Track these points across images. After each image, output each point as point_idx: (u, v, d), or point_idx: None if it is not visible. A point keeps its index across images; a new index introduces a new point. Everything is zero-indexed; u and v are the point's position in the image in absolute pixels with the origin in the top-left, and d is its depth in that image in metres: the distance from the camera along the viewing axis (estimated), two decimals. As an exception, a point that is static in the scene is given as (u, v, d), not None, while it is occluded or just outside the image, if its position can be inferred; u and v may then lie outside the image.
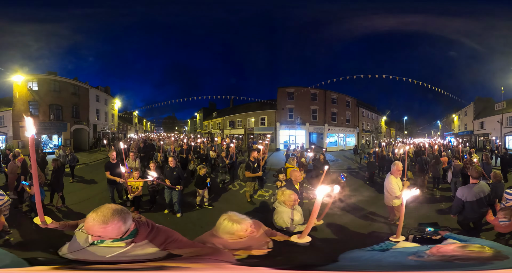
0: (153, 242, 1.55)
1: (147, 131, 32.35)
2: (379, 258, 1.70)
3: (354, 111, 25.60)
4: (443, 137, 26.98)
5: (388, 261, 1.63)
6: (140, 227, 1.55)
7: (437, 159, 8.98)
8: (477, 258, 1.36)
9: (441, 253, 1.48)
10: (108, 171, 6.14)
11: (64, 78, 19.17)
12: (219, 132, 26.91)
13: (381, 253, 1.82)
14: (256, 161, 6.73)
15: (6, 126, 16.83)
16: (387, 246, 1.99)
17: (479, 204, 4.13)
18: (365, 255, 1.77)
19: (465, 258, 1.38)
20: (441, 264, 1.42)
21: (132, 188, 5.67)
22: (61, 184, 6.32)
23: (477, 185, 4.23)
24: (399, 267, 1.52)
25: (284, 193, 3.36)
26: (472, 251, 1.41)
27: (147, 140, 17.29)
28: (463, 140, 22.91)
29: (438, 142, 15.81)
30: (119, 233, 1.41)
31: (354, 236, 4.81)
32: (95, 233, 1.37)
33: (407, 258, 1.57)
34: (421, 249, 1.63)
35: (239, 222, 2.06)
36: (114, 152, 6.53)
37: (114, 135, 24.19)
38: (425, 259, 1.49)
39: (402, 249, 1.84)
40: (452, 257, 1.41)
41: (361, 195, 7.61)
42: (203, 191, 6.35)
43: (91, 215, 1.38)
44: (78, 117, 19.87)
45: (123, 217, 1.41)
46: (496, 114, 21.55)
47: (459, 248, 1.46)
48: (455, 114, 27.32)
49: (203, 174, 6.35)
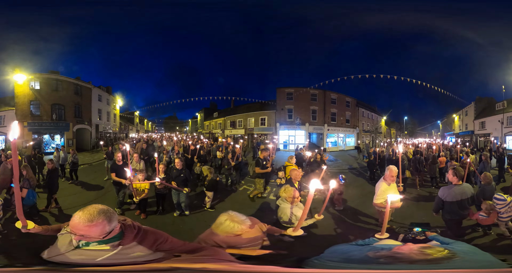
0: (142, 244, 1.54)
1: (149, 131, 32.55)
2: (349, 251, 1.77)
3: (354, 111, 25.59)
4: (443, 137, 26.84)
5: (353, 254, 1.70)
6: (126, 229, 1.54)
7: (434, 159, 9.06)
8: (429, 260, 1.41)
9: (398, 251, 1.54)
10: (114, 173, 5.99)
11: (66, 78, 19.08)
12: (220, 132, 27.04)
13: (357, 247, 1.88)
14: (265, 159, 7.32)
15: (6, 126, 16.54)
16: (370, 242, 2.06)
17: (459, 205, 4.00)
18: (343, 249, 1.83)
19: (409, 258, 1.44)
20: (389, 262, 1.47)
21: (138, 190, 5.48)
22: (56, 186, 6.21)
23: (458, 187, 4.08)
24: (351, 261, 1.61)
25: (287, 190, 3.49)
26: (424, 253, 1.46)
27: (149, 140, 17.10)
28: (462, 140, 22.84)
29: (438, 142, 15.98)
30: (103, 233, 1.40)
31: (351, 232, 5.02)
32: (79, 232, 1.37)
33: (367, 253, 1.63)
34: (390, 246, 1.68)
35: (239, 223, 2.11)
36: (120, 153, 6.39)
37: (116, 135, 24.38)
38: (380, 255, 1.54)
39: (377, 245, 1.90)
40: (400, 255, 1.48)
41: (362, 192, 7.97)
42: (212, 194, 6.35)
43: (77, 213, 1.40)
44: (80, 117, 19.85)
45: (108, 216, 1.42)
46: (497, 114, 21.43)
47: (417, 248, 1.53)
48: (455, 114, 27.18)
49: (214, 177, 6.41)
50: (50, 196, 6.06)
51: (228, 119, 26.87)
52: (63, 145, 15.83)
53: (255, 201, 7.06)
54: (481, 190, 4.87)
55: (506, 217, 4.34)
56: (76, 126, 19.46)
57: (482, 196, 4.64)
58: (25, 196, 5.13)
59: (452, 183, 4.16)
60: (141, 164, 7.18)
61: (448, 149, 13.46)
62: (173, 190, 5.73)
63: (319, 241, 4.30)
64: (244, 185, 8.88)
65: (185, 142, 13.06)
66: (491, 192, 4.69)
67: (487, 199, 4.45)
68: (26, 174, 5.48)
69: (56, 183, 6.26)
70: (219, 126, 28.09)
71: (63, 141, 18.56)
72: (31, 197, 5.28)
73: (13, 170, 1.55)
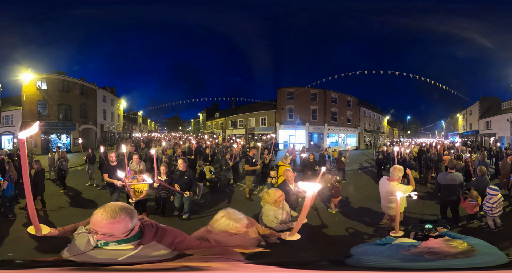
0: (162, 242, 1.53)
1: (151, 131, 33.11)
2: (381, 251, 1.85)
3: (355, 111, 25.33)
4: (447, 137, 26.34)
5: (386, 254, 1.77)
6: (145, 228, 1.51)
7: (440, 156, 9.73)
8: (457, 253, 1.51)
9: (427, 246, 1.62)
10: (106, 174, 5.80)
11: (72, 78, 19.53)
12: (220, 132, 27.34)
13: (382, 246, 1.95)
14: (255, 157, 7.45)
15: (14, 125, 16.85)
16: (387, 240, 2.11)
17: (450, 188, 5.19)
18: (370, 249, 1.92)
19: (444, 252, 1.52)
20: (428, 257, 1.55)
21: (136, 192, 5.26)
22: (41, 187, 6.19)
23: (451, 174, 5.34)
24: (396, 259, 1.67)
25: (270, 193, 3.32)
26: (450, 245, 1.56)
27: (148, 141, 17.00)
28: (463, 140, 22.40)
29: (441, 141, 16.58)
30: (125, 230, 1.37)
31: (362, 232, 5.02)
32: (102, 230, 1.33)
33: (401, 251, 1.71)
34: (415, 244, 1.77)
35: (236, 221, 2.07)
36: (113, 153, 6.21)
37: (120, 135, 24.94)
38: (416, 252, 1.62)
39: (400, 243, 1.96)
40: (435, 249, 1.56)
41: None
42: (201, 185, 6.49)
43: (98, 210, 1.37)
44: (86, 117, 20.32)
45: (129, 213, 1.39)
46: (503, 113, 20.89)
47: (443, 241, 1.62)
48: (459, 113, 26.57)
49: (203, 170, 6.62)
50: (35, 197, 5.97)
51: (229, 119, 27.16)
52: (57, 146, 15.56)
53: (253, 201, 7.13)
54: (476, 181, 5.75)
55: (496, 212, 4.75)
56: (82, 126, 19.94)
57: (475, 186, 5.43)
58: (5, 187, 5.45)
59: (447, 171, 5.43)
60: (141, 165, 7.04)
61: (450, 148, 13.75)
62: (176, 193, 5.54)
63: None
64: (241, 184, 8.87)
65: (190, 143, 12.65)
66: (483, 183, 5.46)
67: (480, 189, 5.20)
68: (8, 169, 5.77)
69: (41, 184, 6.20)
70: (221, 126, 28.41)
71: (69, 140, 19.07)
72: (10, 189, 5.56)
73: (23, 174, 1.43)
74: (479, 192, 5.09)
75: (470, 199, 5.02)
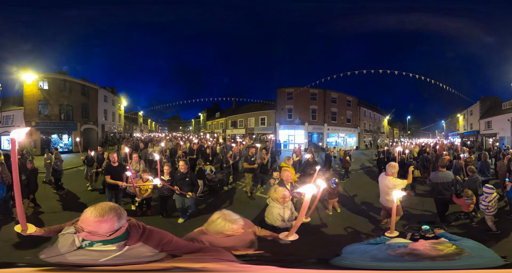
0: (148, 244, 1.52)
1: (152, 131, 33.26)
2: (369, 250, 1.84)
3: (355, 111, 25.28)
4: (447, 138, 26.24)
5: (375, 253, 1.76)
6: (131, 229, 1.50)
7: (438, 157, 9.58)
8: (437, 256, 1.50)
9: (412, 248, 1.62)
10: (108, 175, 5.67)
11: (74, 78, 19.60)
12: (220, 132, 27.44)
13: (373, 246, 1.94)
14: (254, 155, 7.80)
15: (14, 125, 16.80)
16: (381, 240, 2.11)
17: (442, 186, 5.49)
18: (361, 248, 1.91)
19: (424, 255, 1.52)
20: (410, 259, 1.54)
21: (141, 190, 5.35)
22: (34, 186, 6.20)
23: (442, 172, 5.64)
24: (377, 260, 1.67)
25: (277, 191, 3.45)
26: (434, 248, 1.54)
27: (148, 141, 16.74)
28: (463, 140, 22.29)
29: (441, 142, 16.78)
30: (111, 230, 1.38)
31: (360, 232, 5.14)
32: (88, 227, 1.34)
33: (388, 251, 1.70)
34: (405, 244, 1.76)
35: (232, 222, 2.05)
36: (115, 154, 6.17)
37: (121, 135, 25.07)
38: (399, 253, 1.61)
39: (392, 243, 1.96)
40: (416, 251, 1.56)
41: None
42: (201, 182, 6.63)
43: (89, 208, 1.39)
44: (87, 117, 20.40)
45: (118, 213, 1.41)
46: (504, 113, 20.78)
47: (429, 244, 1.61)
48: (460, 113, 26.44)
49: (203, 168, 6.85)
50: (27, 196, 5.99)
51: (229, 119, 27.27)
52: (54, 147, 15.69)
53: (255, 199, 7.19)
54: (468, 180, 6.04)
55: (492, 211, 4.90)
56: (84, 126, 20.02)
57: (468, 186, 5.72)
58: (20, 199, 5.46)
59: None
60: (141, 165, 7.05)
61: (450, 148, 13.82)
62: (176, 194, 5.50)
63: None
64: (242, 183, 8.90)
65: (191, 144, 12.44)
66: (474, 182, 5.83)
67: (472, 188, 5.54)
68: (1, 170, 5.74)
69: (34, 183, 6.23)
70: (221, 126, 28.51)
71: (71, 140, 19.15)
72: (1, 191, 5.52)
73: (13, 174, 1.45)
74: (472, 191, 5.34)
75: (466, 198, 5.18)
